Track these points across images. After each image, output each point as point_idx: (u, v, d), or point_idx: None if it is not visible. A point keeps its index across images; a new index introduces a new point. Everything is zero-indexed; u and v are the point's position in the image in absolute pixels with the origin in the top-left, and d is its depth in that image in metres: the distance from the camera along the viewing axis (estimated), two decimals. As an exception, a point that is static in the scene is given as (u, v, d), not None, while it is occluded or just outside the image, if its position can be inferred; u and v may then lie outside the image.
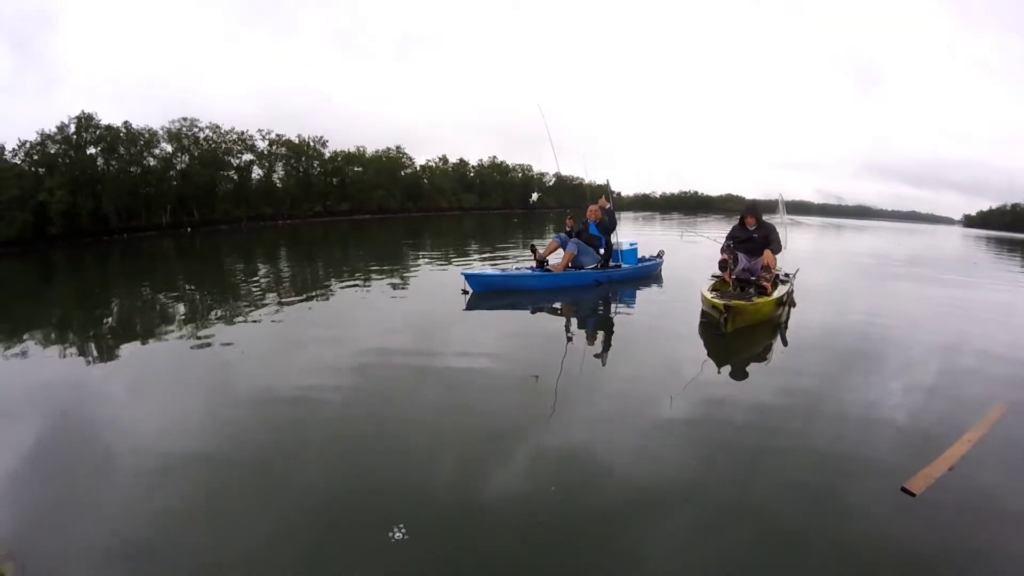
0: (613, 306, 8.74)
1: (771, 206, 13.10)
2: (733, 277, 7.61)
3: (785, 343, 6.46)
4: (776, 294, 7.17)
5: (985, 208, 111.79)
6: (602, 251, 9.92)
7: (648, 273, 11.00)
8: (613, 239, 10.17)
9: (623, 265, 10.36)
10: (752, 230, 7.85)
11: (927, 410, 4.43)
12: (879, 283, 12.14)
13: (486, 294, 8.77)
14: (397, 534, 2.71)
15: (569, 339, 6.63)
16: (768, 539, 2.78)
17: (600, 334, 7.01)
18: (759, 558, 2.66)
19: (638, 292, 9.76)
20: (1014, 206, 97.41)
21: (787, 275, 8.44)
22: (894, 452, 3.66)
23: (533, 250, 9.89)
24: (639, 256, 11.12)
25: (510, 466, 3.43)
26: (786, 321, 7.23)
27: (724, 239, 8.19)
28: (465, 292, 8.70)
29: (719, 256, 7.95)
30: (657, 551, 2.71)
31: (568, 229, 10.09)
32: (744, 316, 6.50)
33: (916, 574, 2.60)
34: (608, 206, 9.94)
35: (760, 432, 3.98)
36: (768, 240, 7.66)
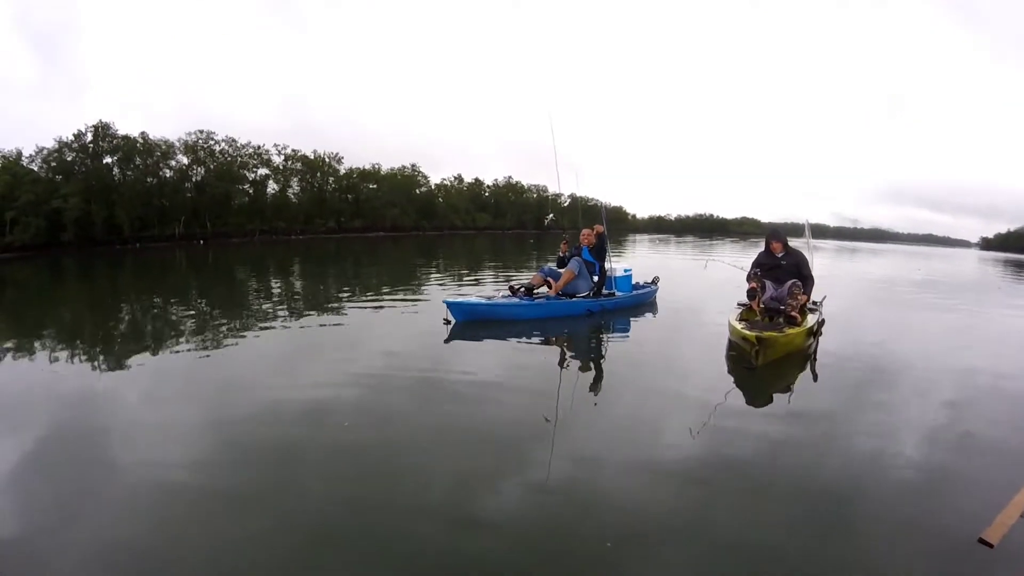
0: (609, 336, 8.25)
1: (795, 230, 12.52)
2: (761, 306, 7.18)
3: (815, 377, 6.02)
4: (806, 324, 6.78)
5: (1003, 231, 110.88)
6: (595, 278, 9.30)
7: (643, 301, 10.39)
8: (607, 265, 9.58)
9: (617, 293, 9.78)
10: (780, 257, 7.47)
11: (980, 451, 4.12)
12: (908, 311, 11.64)
13: (470, 324, 8.08)
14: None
15: (564, 371, 6.21)
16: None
17: (598, 366, 6.60)
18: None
19: (633, 321, 9.20)
20: None
21: (815, 303, 7.93)
22: (957, 499, 3.36)
23: (512, 291, 9.03)
24: (633, 283, 10.53)
25: (506, 498, 3.30)
26: (815, 352, 6.82)
27: (750, 266, 7.68)
28: (447, 322, 8.03)
29: (747, 284, 7.44)
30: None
31: (562, 255, 9.41)
32: (776, 348, 6.14)
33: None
34: (602, 231, 9.33)
35: (806, 479, 3.64)
36: (799, 270, 7.28)
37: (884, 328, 9.09)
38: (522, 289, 8.95)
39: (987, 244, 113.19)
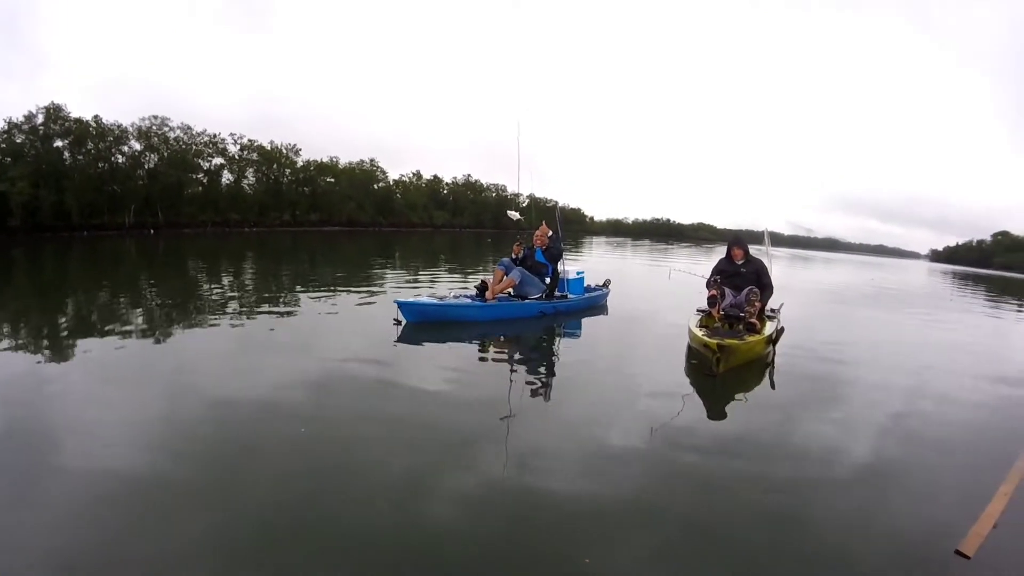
0: (561, 339, 8.31)
1: (752, 237, 12.83)
2: (721, 313, 7.22)
3: (773, 385, 6.15)
4: (766, 331, 6.82)
5: (952, 244, 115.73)
6: (547, 280, 9.35)
7: (595, 304, 10.59)
8: (560, 267, 9.63)
9: (569, 295, 9.83)
10: (740, 264, 7.49)
11: (945, 461, 4.25)
12: (863, 321, 12.07)
13: (421, 325, 8.00)
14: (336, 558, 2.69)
15: (516, 372, 6.21)
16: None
17: (551, 368, 6.67)
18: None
19: (585, 323, 9.42)
20: (979, 242, 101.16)
21: (773, 311, 8.00)
22: (928, 510, 3.45)
23: (480, 291, 8.98)
24: (585, 285, 10.60)
25: (458, 496, 3.33)
26: (772, 360, 6.90)
27: (710, 273, 7.66)
28: (397, 322, 7.89)
29: (706, 291, 7.49)
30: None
31: (514, 256, 9.36)
32: (737, 356, 6.17)
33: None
34: (550, 232, 9.45)
35: (771, 490, 3.62)
36: (759, 278, 7.34)
37: (841, 337, 9.31)
38: (476, 289, 8.97)
39: (936, 256, 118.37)
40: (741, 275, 7.39)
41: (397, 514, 3.06)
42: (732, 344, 6.02)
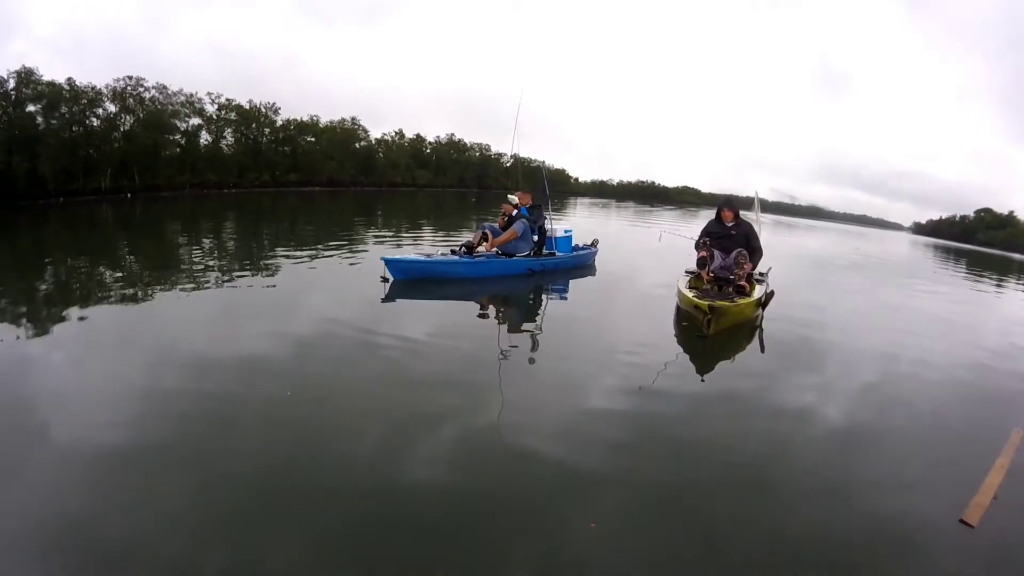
0: (549, 297, 8.33)
1: (743, 203, 12.88)
2: (711, 275, 7.18)
3: (763, 348, 6.17)
4: (755, 294, 6.84)
5: (935, 218, 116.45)
6: (535, 238, 9.42)
7: (583, 263, 10.68)
8: (547, 225, 9.75)
9: (557, 253, 9.90)
10: (730, 226, 7.46)
11: (940, 434, 4.32)
12: (850, 288, 12.06)
13: (408, 282, 7.98)
14: (321, 517, 2.75)
15: (505, 330, 6.29)
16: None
17: (540, 326, 6.64)
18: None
19: (573, 283, 9.40)
20: (962, 218, 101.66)
21: (762, 274, 8.02)
22: (927, 481, 3.52)
23: (454, 252, 9.06)
24: (573, 244, 10.69)
25: (445, 453, 3.41)
26: (761, 323, 6.92)
27: (699, 235, 7.65)
28: (384, 280, 7.87)
29: (696, 252, 7.49)
30: None
31: (508, 216, 9.42)
32: (728, 318, 6.16)
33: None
34: (528, 200, 9.45)
35: (768, 456, 3.68)
36: (748, 241, 7.31)
37: (829, 303, 9.44)
38: (463, 248, 8.97)
39: (919, 229, 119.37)
40: (731, 237, 7.39)
41: (383, 473, 3.13)
42: (723, 306, 6.02)
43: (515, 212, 9.34)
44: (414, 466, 3.21)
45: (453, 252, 9.03)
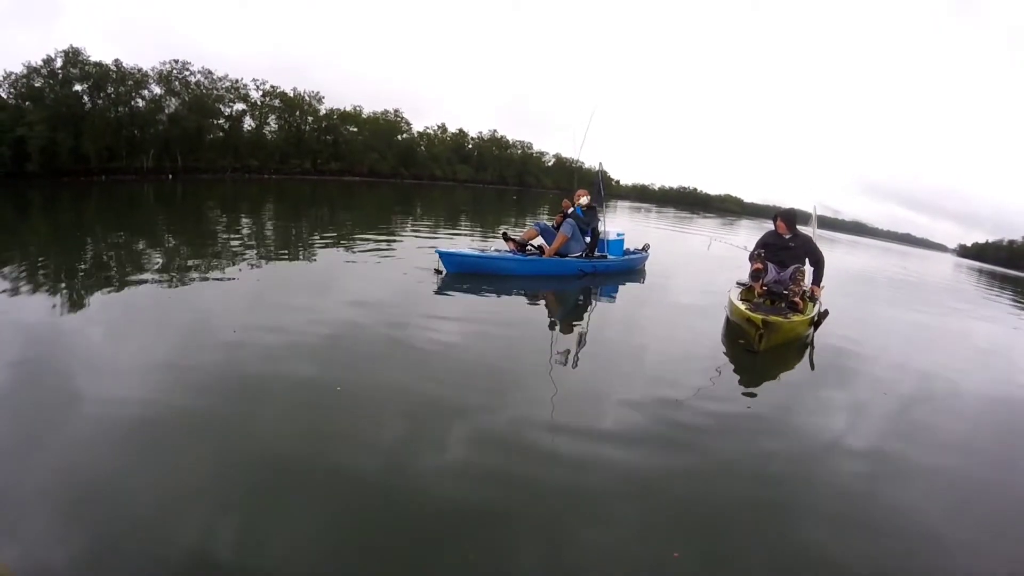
0: (599, 299, 8.16)
1: (802, 217, 12.05)
2: (764, 288, 6.83)
3: (813, 367, 5.84)
4: (809, 312, 6.46)
5: (981, 241, 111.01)
6: (588, 239, 9.25)
7: (633, 267, 10.50)
8: (600, 227, 9.59)
9: (609, 256, 9.71)
10: (788, 239, 6.96)
11: (995, 486, 3.78)
12: (902, 310, 11.29)
13: (460, 275, 8.04)
14: (340, 502, 2.71)
15: (556, 329, 6.22)
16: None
17: (590, 327, 6.51)
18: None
19: (622, 287, 9.18)
20: (1010, 242, 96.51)
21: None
22: (983, 541, 3.07)
23: (506, 238, 9.26)
24: (625, 248, 10.42)
25: (483, 450, 3.33)
26: (812, 342, 6.48)
27: (754, 246, 7.24)
28: (438, 272, 7.98)
29: (749, 264, 7.12)
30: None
31: (554, 224, 9.35)
32: (780, 334, 5.85)
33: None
34: (583, 200, 9.22)
35: (819, 473, 3.49)
36: (810, 255, 6.89)
37: (885, 326, 8.89)
38: (513, 242, 9.05)
39: (964, 251, 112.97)
40: (789, 250, 6.94)
41: (407, 465, 3.06)
42: (776, 321, 5.73)
43: (571, 210, 9.21)
44: (443, 460, 3.16)
45: (505, 237, 9.27)
